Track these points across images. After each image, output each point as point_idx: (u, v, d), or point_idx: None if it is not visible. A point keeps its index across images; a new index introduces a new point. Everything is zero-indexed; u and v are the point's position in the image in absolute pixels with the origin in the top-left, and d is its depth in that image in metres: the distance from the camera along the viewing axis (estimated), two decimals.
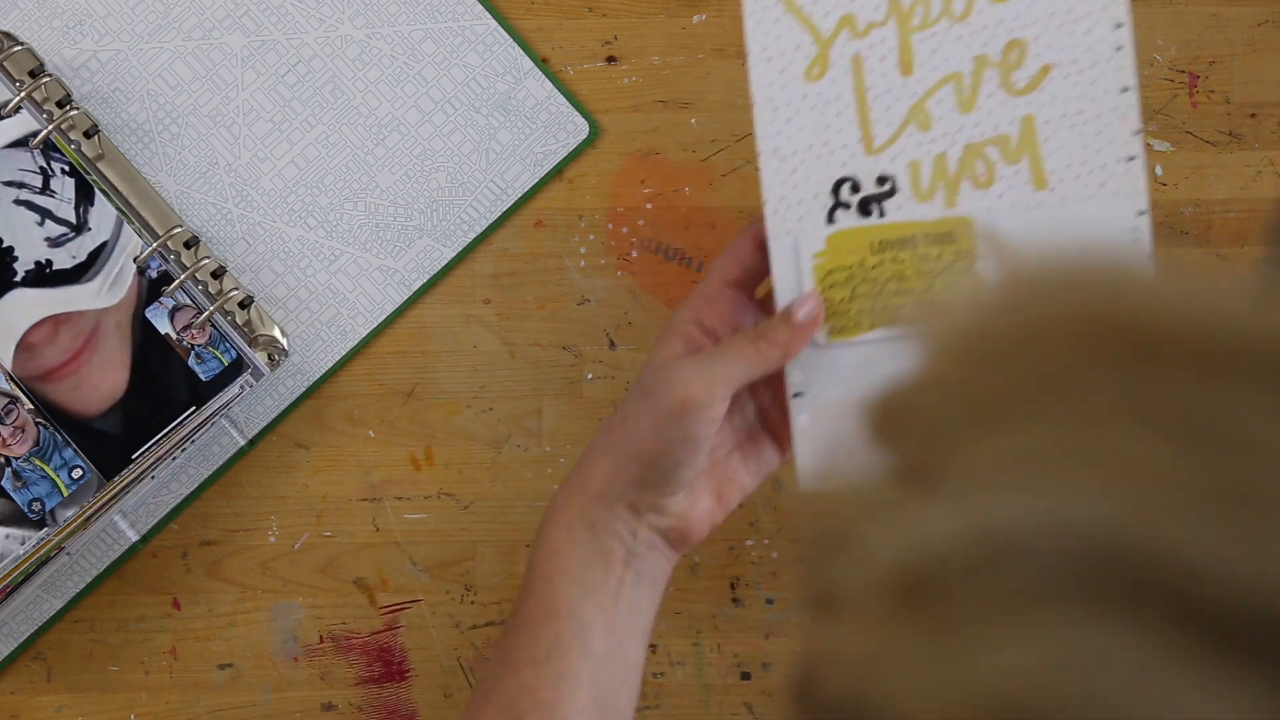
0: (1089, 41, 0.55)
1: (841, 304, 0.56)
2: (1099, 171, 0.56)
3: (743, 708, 0.72)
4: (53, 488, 0.67)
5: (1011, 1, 0.55)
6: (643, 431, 0.55)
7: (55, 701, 0.71)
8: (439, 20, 0.74)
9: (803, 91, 0.57)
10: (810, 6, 0.57)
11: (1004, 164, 0.56)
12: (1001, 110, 0.56)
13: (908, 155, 0.56)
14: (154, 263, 0.69)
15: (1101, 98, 0.55)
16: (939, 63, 0.56)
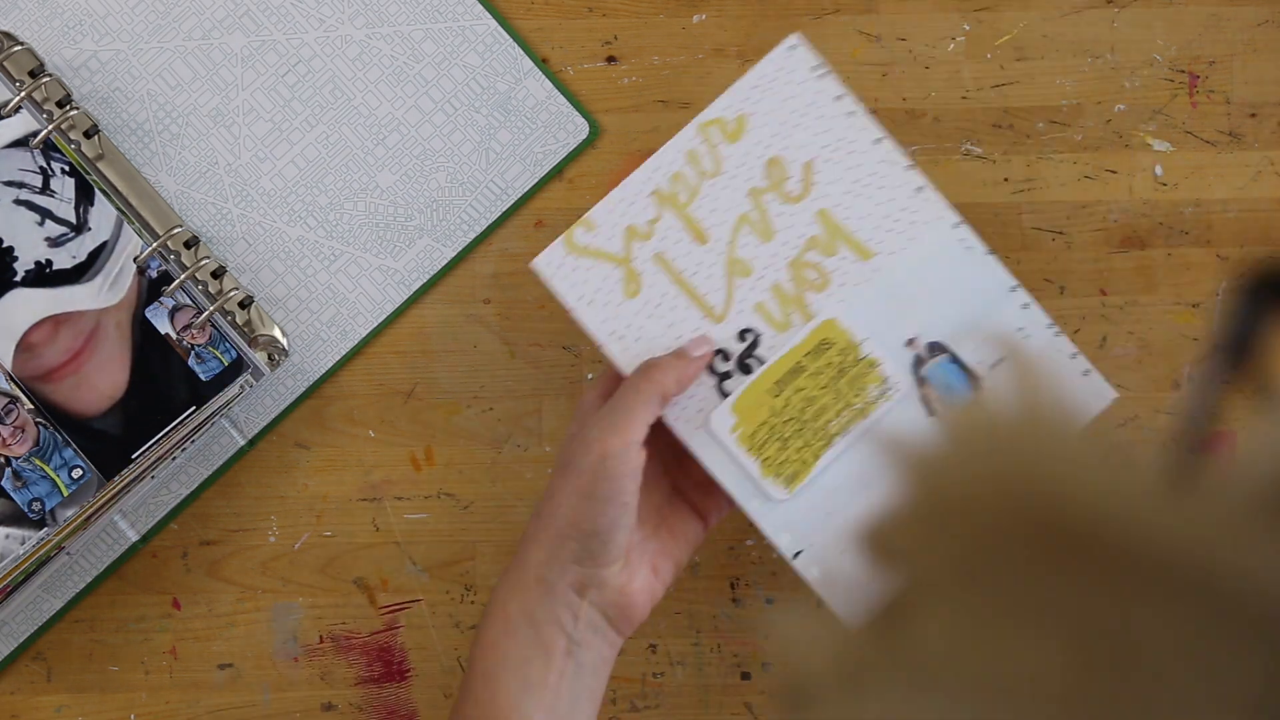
0: (825, 124, 0.60)
1: (780, 455, 0.59)
2: (902, 215, 0.60)
3: (743, 708, 0.72)
4: (53, 488, 0.67)
5: (744, 137, 0.60)
6: (571, 502, 0.56)
7: (55, 701, 0.71)
8: (439, 20, 0.74)
9: (633, 309, 0.60)
10: (593, 240, 0.60)
11: (827, 259, 0.60)
12: (796, 220, 0.60)
13: (750, 302, 0.60)
14: (154, 263, 0.69)
15: (864, 159, 0.60)
16: (723, 216, 0.60)
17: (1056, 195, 0.73)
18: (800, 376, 0.59)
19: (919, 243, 0.59)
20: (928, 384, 0.58)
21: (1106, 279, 0.73)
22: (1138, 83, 0.74)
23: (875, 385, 0.58)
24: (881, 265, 0.59)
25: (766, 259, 0.59)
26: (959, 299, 0.59)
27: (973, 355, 0.59)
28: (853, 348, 0.59)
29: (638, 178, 0.60)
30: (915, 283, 0.59)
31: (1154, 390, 0.72)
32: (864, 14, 0.74)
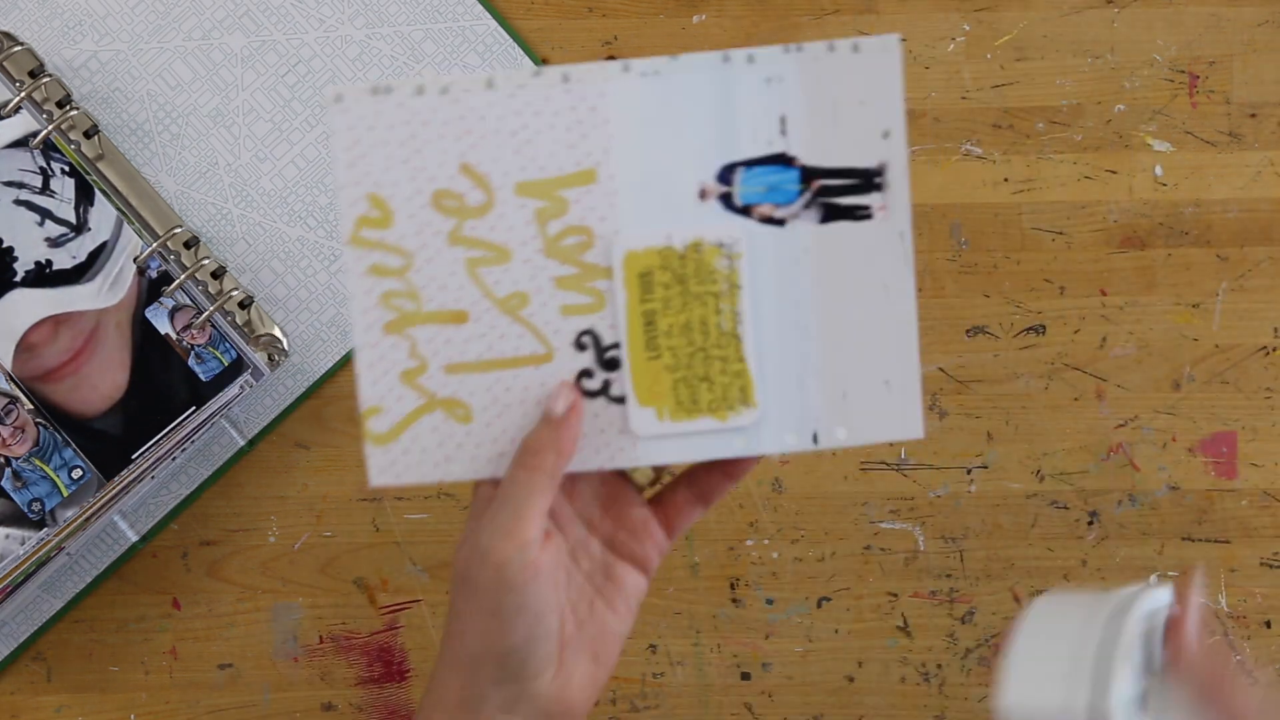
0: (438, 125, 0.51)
1: (715, 390, 0.52)
2: (576, 115, 0.51)
3: (743, 708, 0.72)
4: (53, 488, 0.67)
5: (393, 209, 0.51)
6: (478, 623, 0.49)
7: (55, 701, 0.71)
8: (439, 20, 0.74)
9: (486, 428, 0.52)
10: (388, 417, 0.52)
11: (568, 215, 0.52)
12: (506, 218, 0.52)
13: (554, 315, 0.52)
14: (154, 263, 0.69)
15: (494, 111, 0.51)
16: (452, 282, 0.52)
17: (1056, 195, 0.73)
18: (658, 320, 0.52)
19: (615, 120, 0.51)
20: (755, 206, 0.52)
21: (1106, 279, 0.73)
22: (1138, 83, 0.74)
23: (718, 257, 0.51)
24: (608, 170, 0.51)
25: (526, 273, 0.52)
26: (694, 119, 0.51)
27: (754, 144, 0.51)
28: (666, 252, 0.51)
29: (359, 332, 0.52)
30: (649, 151, 0.51)
31: (1153, 390, 0.72)
32: (864, 14, 0.74)
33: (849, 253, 0.51)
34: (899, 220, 0.51)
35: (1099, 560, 0.72)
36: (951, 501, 0.72)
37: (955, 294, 0.73)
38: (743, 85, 0.51)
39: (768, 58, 0.51)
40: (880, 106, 0.51)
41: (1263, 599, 0.72)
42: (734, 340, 0.52)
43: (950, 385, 0.73)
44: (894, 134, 0.51)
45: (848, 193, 0.51)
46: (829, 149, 0.51)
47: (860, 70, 0.51)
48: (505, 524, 0.49)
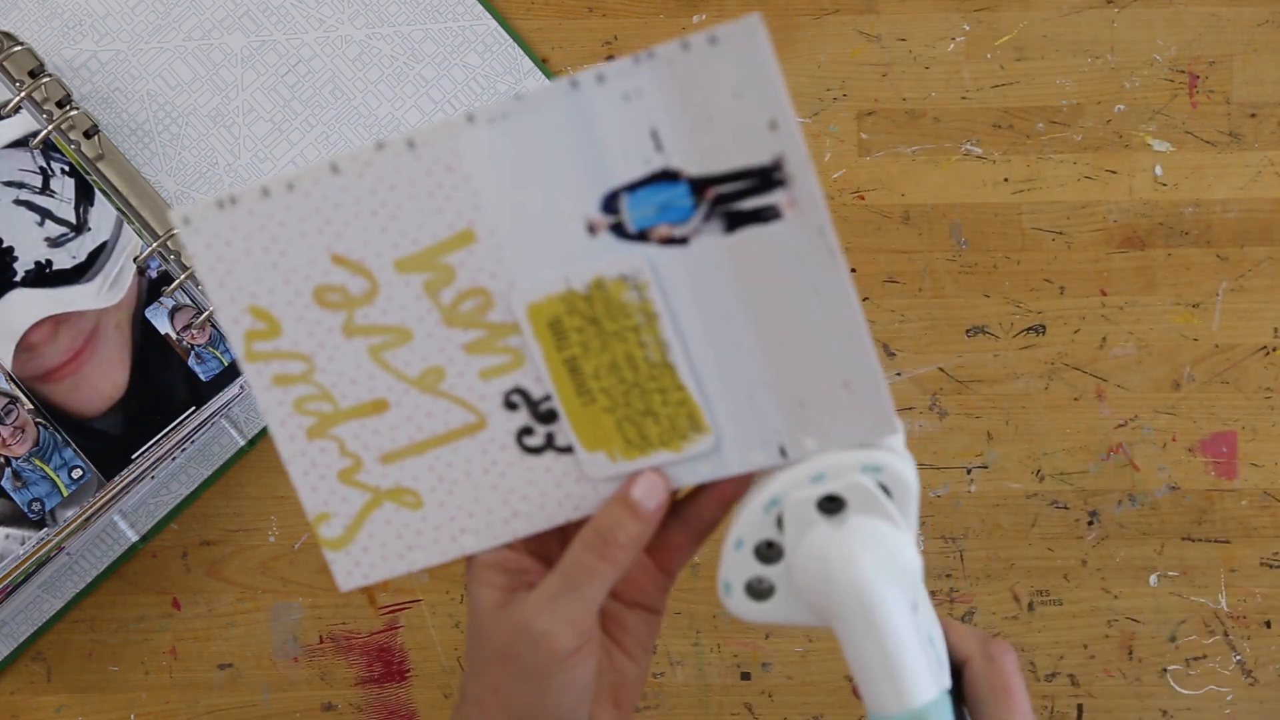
0: (297, 225, 0.49)
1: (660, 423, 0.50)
2: (436, 180, 0.48)
3: (743, 708, 0.72)
4: (53, 488, 0.67)
5: (280, 322, 0.50)
6: (524, 699, 0.48)
7: (55, 701, 0.71)
8: (439, 20, 0.74)
9: (439, 509, 0.51)
10: (335, 523, 0.51)
11: (458, 281, 0.49)
12: (396, 299, 0.50)
13: (473, 381, 0.50)
14: (154, 263, 0.69)
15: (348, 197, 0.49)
16: (360, 374, 0.50)
17: (1056, 195, 0.73)
18: (581, 365, 0.49)
19: (476, 174, 0.48)
20: (651, 229, 0.48)
21: (1106, 279, 0.73)
22: (1138, 83, 0.74)
23: (625, 291, 0.48)
24: (485, 227, 0.48)
25: (433, 348, 0.49)
26: (559, 154, 0.48)
27: (629, 166, 0.48)
28: (569, 296, 0.49)
29: (283, 444, 0.50)
30: (522, 197, 0.48)
31: (1153, 390, 0.72)
32: (864, 14, 0.74)
33: (767, 258, 0.47)
34: (813, 214, 0.46)
35: (1099, 560, 0.72)
36: (951, 501, 0.72)
37: (955, 294, 0.73)
38: (600, 107, 0.47)
39: (618, 73, 0.47)
40: (758, 96, 0.46)
41: (1263, 599, 0.72)
42: (667, 369, 0.49)
43: (950, 385, 0.73)
44: (782, 122, 0.46)
45: (747, 195, 0.47)
46: (714, 153, 0.47)
47: (725, 62, 0.46)
48: (570, 614, 0.47)
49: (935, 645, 0.48)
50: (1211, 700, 0.72)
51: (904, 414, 0.72)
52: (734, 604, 0.50)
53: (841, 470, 0.48)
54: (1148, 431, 0.72)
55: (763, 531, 0.49)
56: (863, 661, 0.47)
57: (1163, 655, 0.72)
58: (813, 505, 0.48)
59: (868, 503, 0.48)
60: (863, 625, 0.46)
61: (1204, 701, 0.72)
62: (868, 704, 0.47)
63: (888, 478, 0.48)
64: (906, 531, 0.48)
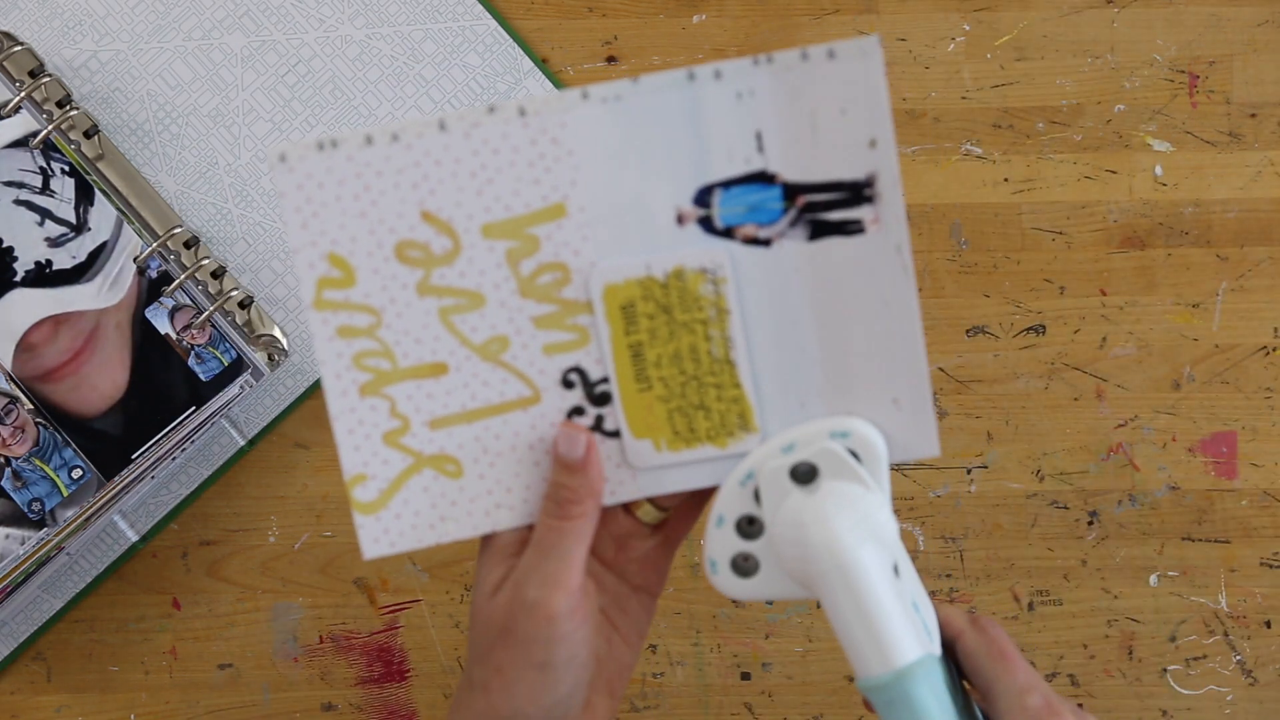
0: (393, 174, 0.49)
1: (712, 418, 0.51)
2: (537, 149, 0.49)
3: (743, 708, 0.72)
4: (53, 488, 0.67)
5: (355, 266, 0.50)
6: (526, 676, 0.48)
7: (55, 701, 0.71)
8: (439, 20, 0.74)
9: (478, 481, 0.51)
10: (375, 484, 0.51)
11: (541, 253, 0.50)
12: (477, 262, 0.49)
13: (536, 355, 0.50)
14: (154, 263, 0.69)
15: (451, 154, 0.49)
16: (426, 334, 0.50)
17: (1056, 195, 0.73)
18: (645, 352, 0.50)
19: (579, 150, 0.49)
20: (737, 228, 0.49)
21: (1106, 279, 0.73)
22: (1138, 83, 0.74)
23: (702, 283, 0.49)
24: (578, 203, 0.49)
25: (503, 317, 0.50)
26: (664, 142, 0.49)
27: (730, 164, 0.49)
28: (646, 282, 0.49)
29: (334, 399, 0.50)
30: (619, 179, 0.49)
31: (1153, 390, 0.72)
32: (864, 14, 0.74)
33: (843, 269, 0.49)
34: (894, 233, 0.48)
35: (1099, 560, 0.72)
36: (951, 501, 0.72)
37: (955, 294, 0.73)
38: (712, 103, 0.48)
39: (736, 72, 0.48)
40: (864, 114, 0.47)
41: (1263, 599, 0.72)
42: (728, 366, 0.50)
43: (950, 385, 0.73)
44: (881, 142, 0.48)
45: (835, 207, 0.49)
46: (811, 163, 0.48)
47: (838, 77, 0.47)
48: (554, 575, 0.48)
49: (920, 611, 0.48)
50: (1211, 700, 0.72)
51: None
52: (721, 581, 0.51)
53: (811, 438, 0.49)
54: (1148, 431, 0.72)
55: (742, 506, 0.50)
56: (845, 624, 0.47)
57: (1163, 655, 0.72)
58: (786, 474, 0.49)
59: (838, 467, 0.48)
60: (842, 585, 0.47)
61: (1204, 701, 0.72)
62: (856, 670, 0.47)
63: (855, 443, 0.49)
64: (879, 493, 0.48)
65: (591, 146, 0.49)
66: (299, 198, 0.49)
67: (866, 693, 0.47)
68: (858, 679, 0.47)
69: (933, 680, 0.47)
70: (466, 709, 0.50)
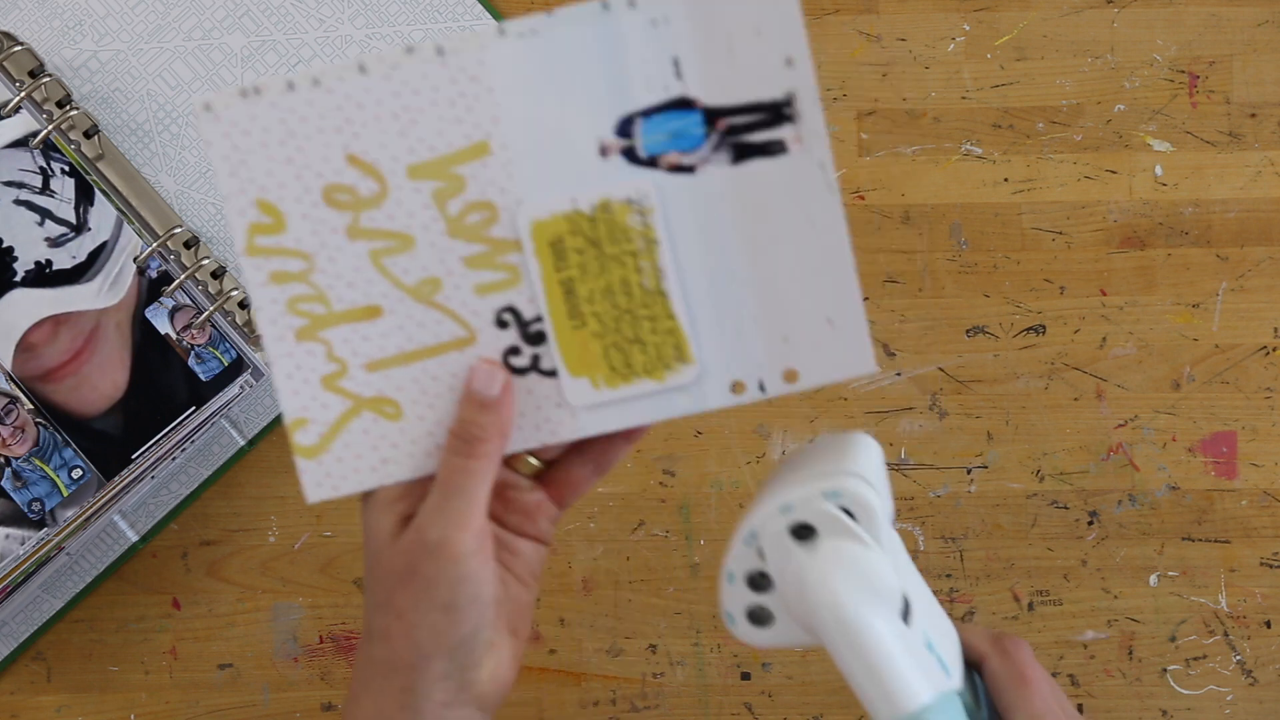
0: (316, 117, 0.49)
1: (648, 350, 0.50)
2: (458, 88, 0.49)
3: (743, 708, 0.72)
4: (53, 488, 0.67)
5: (284, 213, 0.49)
6: (429, 618, 0.48)
7: (55, 701, 0.71)
8: (439, 20, 0.74)
9: (419, 422, 0.51)
10: (312, 429, 0.51)
11: (466, 194, 0.49)
12: (404, 204, 0.50)
13: (468, 295, 0.50)
14: (154, 263, 0.69)
15: (371, 96, 0.49)
16: (359, 277, 0.50)
17: (1056, 195, 0.73)
18: (577, 288, 0.50)
19: (499, 87, 0.48)
20: (661, 156, 0.49)
21: (1106, 279, 0.73)
22: (1138, 83, 0.74)
23: (629, 215, 0.49)
24: (500, 141, 0.49)
25: (433, 258, 0.49)
26: (582, 75, 0.48)
27: (649, 92, 0.48)
28: (574, 216, 0.49)
29: (271, 343, 0.50)
30: (540, 114, 0.48)
31: (1153, 390, 0.72)
32: (864, 14, 0.74)
33: (769, 191, 0.48)
34: (816, 151, 0.48)
35: (1099, 560, 0.72)
36: (951, 501, 0.72)
37: (955, 294, 0.73)
38: (627, 32, 0.48)
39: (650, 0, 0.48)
40: (778, 32, 0.47)
41: (1263, 599, 0.72)
42: (660, 297, 0.49)
43: (950, 385, 0.73)
44: (797, 60, 0.47)
45: (757, 129, 0.48)
46: (730, 86, 0.48)
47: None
48: (458, 515, 0.48)
49: (935, 649, 0.49)
50: (1211, 700, 0.72)
51: (904, 414, 0.72)
52: (740, 632, 0.51)
53: (806, 500, 0.49)
54: (1148, 431, 0.72)
55: (750, 563, 0.50)
56: (853, 676, 0.48)
57: (1163, 655, 0.72)
58: (787, 535, 0.49)
59: (834, 527, 0.49)
60: (844, 642, 0.48)
61: (1204, 701, 0.72)
62: (870, 715, 0.48)
63: (849, 501, 0.49)
64: (876, 549, 0.49)
65: (511, 83, 0.48)
66: (226, 146, 0.49)
67: None
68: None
69: (949, 717, 0.48)
70: (367, 660, 0.50)
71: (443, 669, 0.48)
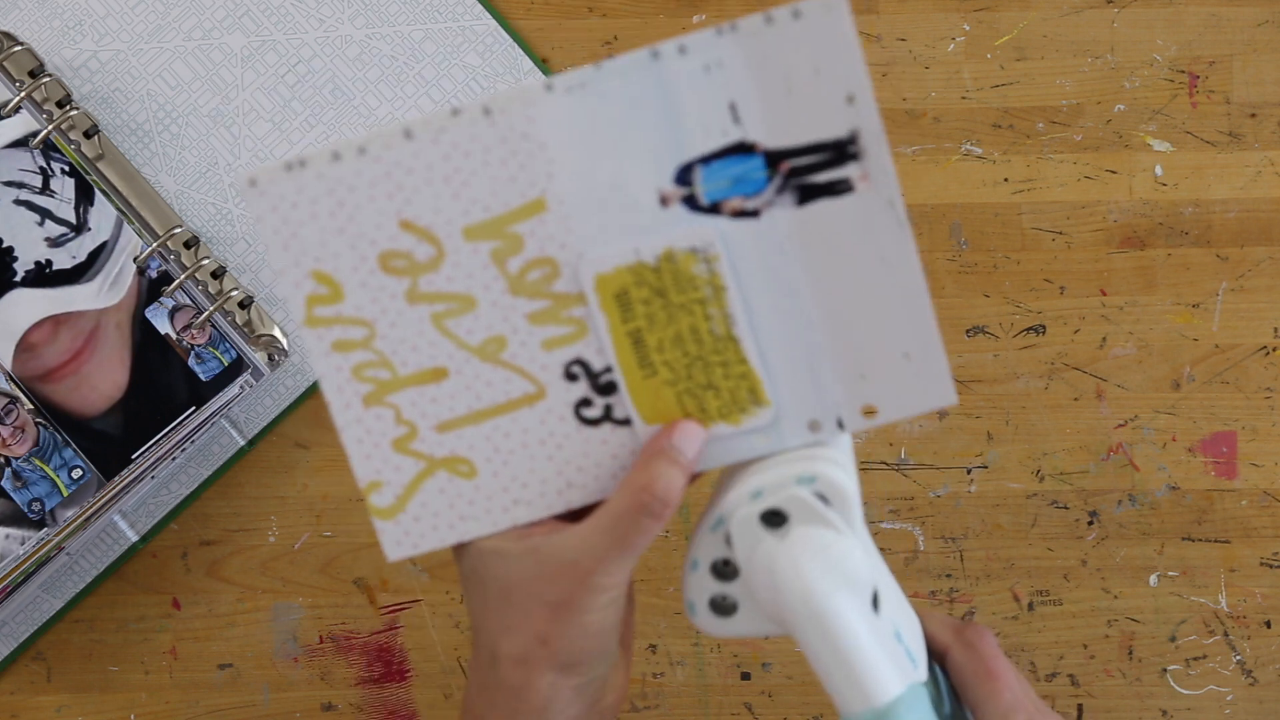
0: (368, 187, 0.49)
1: (721, 396, 0.50)
2: (510, 147, 0.48)
3: (743, 708, 0.72)
4: (53, 488, 0.67)
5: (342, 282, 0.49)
6: (576, 644, 0.49)
7: (55, 701, 0.71)
8: (439, 20, 0.74)
9: (493, 480, 0.51)
10: (382, 494, 0.51)
11: (525, 251, 0.49)
12: (464, 265, 0.49)
13: (535, 351, 0.50)
14: (154, 263, 0.69)
15: (423, 160, 0.48)
16: (423, 340, 0.50)
17: (1056, 195, 0.73)
18: (645, 338, 0.49)
19: (552, 143, 0.48)
20: (723, 202, 0.48)
21: (1106, 279, 0.73)
22: (1138, 83, 0.74)
23: (694, 263, 0.48)
24: (556, 196, 0.48)
25: (497, 316, 0.49)
26: (636, 125, 0.48)
27: (707, 138, 0.48)
28: (638, 268, 0.48)
29: (338, 412, 0.50)
30: (596, 167, 0.48)
31: (1153, 390, 0.72)
32: (864, 14, 0.74)
33: (837, 230, 0.48)
34: (885, 188, 0.47)
35: (1099, 560, 0.72)
36: (951, 501, 0.72)
37: (955, 294, 0.73)
38: (680, 79, 0.47)
39: (701, 44, 0.47)
40: (837, 70, 0.46)
41: (1263, 599, 0.72)
42: (731, 343, 0.49)
43: None
44: (859, 97, 0.46)
45: (821, 169, 0.47)
46: (790, 127, 0.47)
47: (807, 36, 0.46)
48: (622, 569, 0.48)
49: (904, 639, 0.48)
50: (1211, 700, 0.72)
51: None
52: (701, 621, 0.51)
53: (778, 485, 0.48)
54: (1148, 431, 0.72)
55: (715, 551, 0.50)
56: (823, 666, 0.48)
57: (1163, 655, 0.72)
58: (756, 521, 0.48)
59: (807, 513, 0.48)
60: (816, 631, 0.47)
61: (1204, 701, 0.72)
62: (837, 706, 0.48)
63: (823, 486, 0.48)
64: (850, 536, 0.48)
65: (563, 137, 0.48)
66: (275, 220, 0.49)
67: None
68: (841, 715, 0.48)
69: (918, 711, 0.47)
70: (496, 685, 0.50)
71: (575, 686, 0.49)
